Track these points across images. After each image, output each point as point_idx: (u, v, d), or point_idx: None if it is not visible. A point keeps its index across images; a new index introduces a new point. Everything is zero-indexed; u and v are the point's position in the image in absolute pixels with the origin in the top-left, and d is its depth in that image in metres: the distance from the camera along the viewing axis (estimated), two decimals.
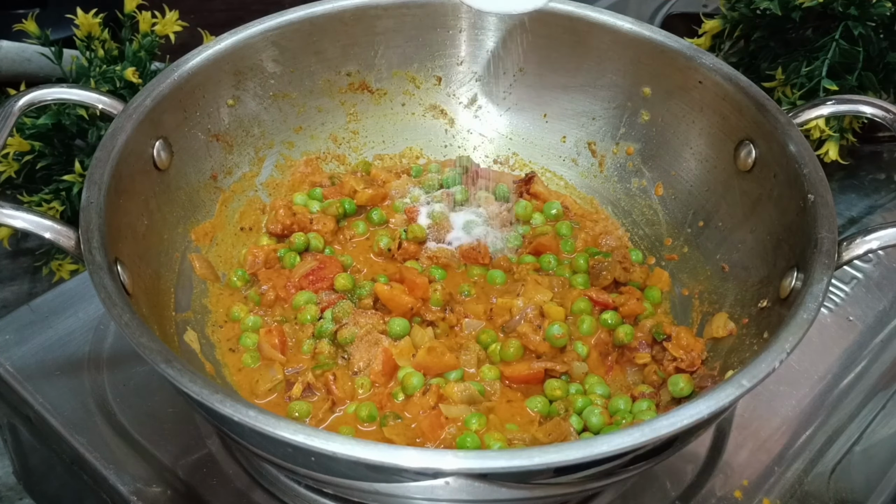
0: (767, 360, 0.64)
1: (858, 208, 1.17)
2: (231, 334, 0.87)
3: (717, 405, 0.61)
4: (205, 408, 0.61)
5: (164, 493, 0.78)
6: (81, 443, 0.81)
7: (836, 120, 1.15)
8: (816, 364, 0.93)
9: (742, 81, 0.87)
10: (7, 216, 0.71)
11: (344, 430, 0.78)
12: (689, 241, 0.94)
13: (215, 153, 0.94)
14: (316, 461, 0.60)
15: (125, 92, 1.08)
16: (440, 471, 0.58)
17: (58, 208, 1.07)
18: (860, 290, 1.02)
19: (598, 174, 1.03)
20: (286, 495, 0.79)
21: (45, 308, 0.93)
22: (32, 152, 1.08)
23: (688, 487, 0.82)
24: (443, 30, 1.02)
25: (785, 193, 0.81)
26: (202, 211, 0.92)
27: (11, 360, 0.87)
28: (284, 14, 0.95)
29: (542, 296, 0.89)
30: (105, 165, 0.76)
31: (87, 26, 1.10)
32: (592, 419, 0.78)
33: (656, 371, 0.83)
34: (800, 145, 0.80)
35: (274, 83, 0.98)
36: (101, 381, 0.86)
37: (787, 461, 0.84)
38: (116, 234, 0.74)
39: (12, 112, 0.78)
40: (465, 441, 0.75)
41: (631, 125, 1.00)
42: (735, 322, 0.82)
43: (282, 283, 0.91)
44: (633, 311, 0.88)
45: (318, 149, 1.04)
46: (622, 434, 0.58)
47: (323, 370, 0.82)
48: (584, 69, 1.01)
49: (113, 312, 0.65)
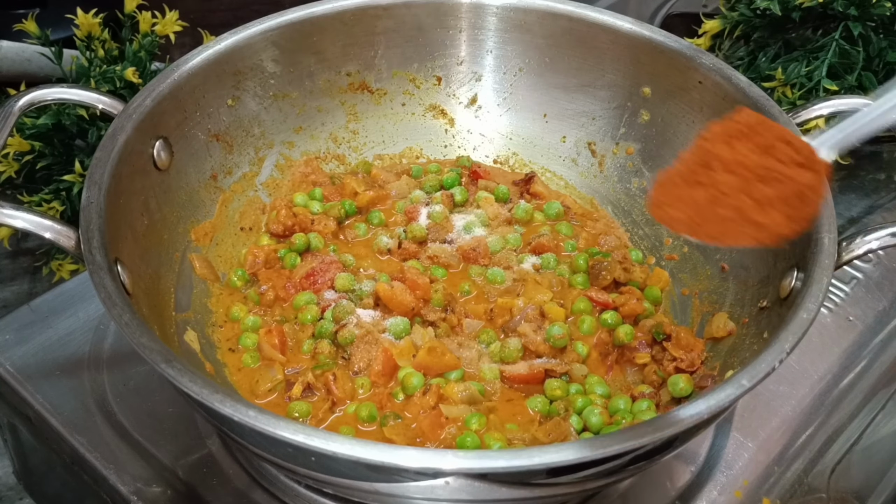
0: (767, 360, 0.64)
1: (858, 208, 1.17)
2: (231, 334, 0.87)
3: (717, 405, 0.61)
4: (205, 408, 0.61)
5: (164, 493, 0.78)
6: (81, 443, 0.81)
7: (837, 120, 1.15)
8: (816, 364, 0.93)
9: (742, 81, 0.87)
10: (7, 216, 0.71)
11: (344, 430, 0.78)
12: (689, 240, 0.94)
13: (215, 153, 0.94)
14: (316, 461, 0.60)
15: (125, 92, 1.08)
16: (440, 471, 0.58)
17: (58, 208, 1.07)
18: (860, 290, 1.02)
19: (598, 174, 1.03)
20: (286, 495, 0.79)
21: (45, 308, 0.93)
22: (32, 152, 1.08)
23: (688, 487, 0.82)
24: (443, 30, 1.02)
25: None
26: (202, 211, 0.92)
27: (11, 360, 0.87)
28: (284, 14, 0.96)
29: (542, 296, 0.89)
30: (105, 165, 0.76)
31: (87, 26, 1.10)
32: (592, 419, 0.78)
33: (656, 371, 0.83)
34: None
35: (274, 83, 0.98)
36: (101, 381, 0.86)
37: (787, 461, 0.84)
38: (116, 234, 0.74)
39: (12, 112, 0.78)
40: (465, 441, 0.75)
41: (631, 125, 1.00)
42: (735, 322, 0.82)
43: (282, 283, 0.91)
44: (633, 311, 0.88)
45: (318, 149, 1.04)
46: (622, 434, 0.58)
47: (323, 370, 0.82)
48: (584, 69, 1.01)
49: (113, 312, 0.65)
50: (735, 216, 0.58)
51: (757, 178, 0.57)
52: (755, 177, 0.58)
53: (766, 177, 0.58)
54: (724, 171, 0.57)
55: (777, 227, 0.58)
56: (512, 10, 1.00)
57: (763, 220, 0.58)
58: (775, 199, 0.58)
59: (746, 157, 0.57)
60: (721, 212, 0.57)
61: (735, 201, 0.57)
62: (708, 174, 0.58)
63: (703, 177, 0.58)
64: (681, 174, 0.59)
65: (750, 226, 0.58)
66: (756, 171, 0.58)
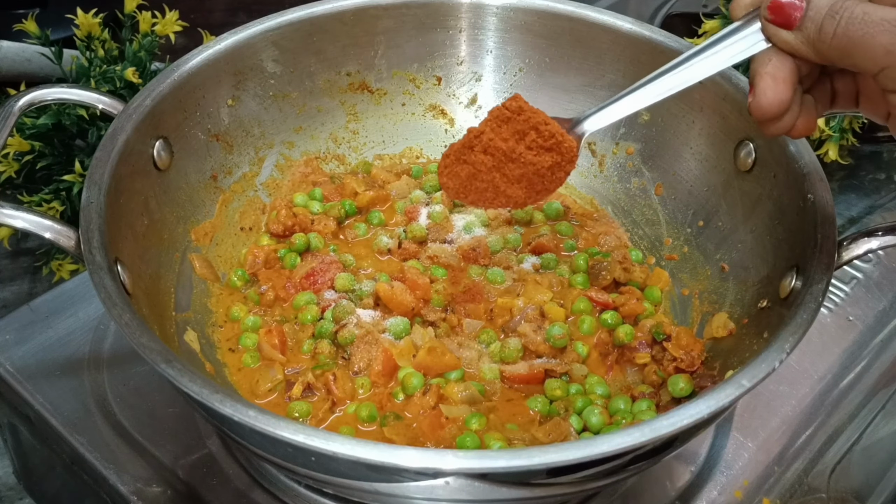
0: (767, 360, 0.64)
1: (858, 208, 1.17)
2: (231, 334, 0.87)
3: (717, 405, 0.61)
4: (205, 408, 0.61)
5: (164, 493, 0.78)
6: (81, 443, 0.81)
7: (836, 120, 1.15)
8: (816, 364, 0.93)
9: (742, 81, 0.87)
10: (7, 216, 0.71)
11: (344, 430, 0.78)
12: (689, 241, 0.94)
13: (215, 153, 0.94)
14: (316, 461, 0.60)
15: (125, 92, 1.09)
16: (440, 471, 0.58)
17: (58, 208, 1.07)
18: (860, 290, 1.02)
19: (598, 174, 1.03)
20: (286, 495, 0.79)
21: (45, 308, 0.93)
22: (32, 152, 1.08)
23: (688, 487, 0.82)
24: (443, 30, 1.02)
25: (785, 193, 0.81)
26: (202, 211, 0.92)
27: (11, 360, 0.87)
28: (284, 14, 0.96)
29: (542, 296, 0.89)
30: (105, 165, 0.76)
31: (87, 26, 1.10)
32: (592, 419, 0.78)
33: (656, 371, 0.83)
34: (800, 145, 0.80)
35: (274, 83, 0.98)
36: (101, 381, 0.86)
37: (787, 461, 0.85)
38: (116, 234, 0.74)
39: (12, 112, 0.78)
40: (465, 441, 0.76)
41: (631, 125, 1.00)
42: (735, 322, 0.82)
43: (282, 283, 0.91)
44: (633, 311, 0.88)
45: (318, 149, 1.04)
46: (622, 434, 0.58)
47: (323, 370, 0.82)
48: (584, 69, 1.01)
49: (113, 312, 0.65)
50: (488, 188, 0.72)
51: (508, 159, 0.71)
52: (506, 158, 0.71)
53: (515, 159, 0.71)
54: (481, 153, 0.71)
55: (518, 199, 0.73)
56: (512, 10, 1.00)
57: (509, 193, 0.72)
58: (520, 176, 0.71)
59: (504, 142, 0.71)
60: (478, 184, 0.72)
61: (488, 177, 0.72)
62: (469, 154, 0.72)
63: (466, 156, 0.72)
64: (454, 151, 0.73)
65: (500, 196, 0.72)
66: (507, 154, 0.71)
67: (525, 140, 0.71)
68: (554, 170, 0.71)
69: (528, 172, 0.71)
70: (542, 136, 0.70)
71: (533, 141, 0.71)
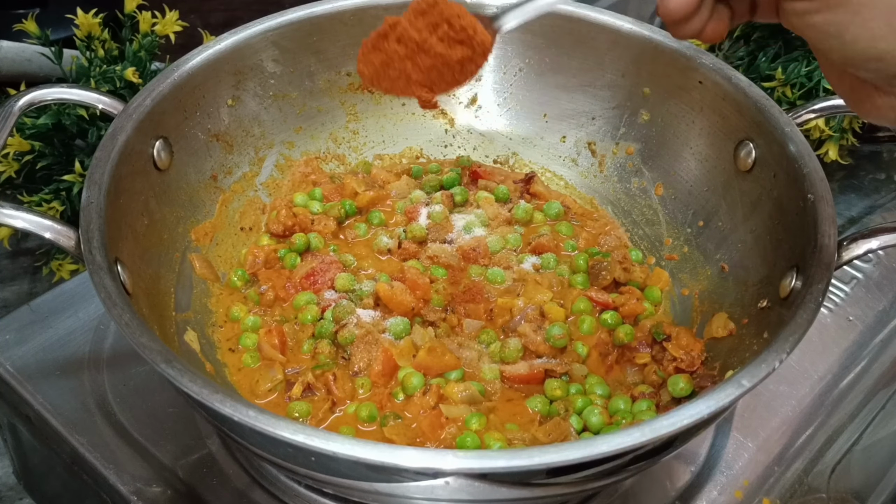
0: (767, 360, 0.64)
1: (858, 208, 1.17)
2: (231, 334, 0.87)
3: (717, 405, 0.61)
4: (205, 408, 0.61)
5: (164, 493, 0.78)
6: (81, 443, 0.81)
7: (836, 120, 1.15)
8: (816, 364, 0.93)
9: (742, 81, 0.87)
10: (7, 216, 0.71)
11: (344, 430, 0.78)
12: (689, 241, 0.94)
13: (215, 153, 0.94)
14: (316, 461, 0.60)
15: (125, 92, 1.08)
16: (440, 471, 0.58)
17: (58, 208, 1.07)
18: (860, 290, 1.02)
19: (598, 174, 1.04)
20: (286, 495, 0.79)
21: (45, 308, 0.93)
22: (32, 152, 1.08)
23: (688, 487, 0.82)
24: None
25: (785, 193, 0.81)
26: (202, 211, 0.92)
27: (11, 360, 0.87)
28: (284, 14, 0.96)
29: (542, 296, 0.89)
30: (105, 165, 0.76)
31: (87, 26, 1.10)
32: (592, 419, 0.78)
33: (656, 371, 0.83)
34: (800, 145, 0.80)
35: (274, 83, 0.98)
36: (101, 381, 0.86)
37: (787, 461, 0.85)
38: (116, 234, 0.74)
39: (12, 112, 0.78)
40: (465, 441, 0.76)
41: (631, 125, 1.00)
42: (735, 322, 0.82)
43: (282, 283, 0.91)
44: (633, 311, 0.88)
45: (318, 149, 1.04)
46: (622, 434, 0.58)
47: (323, 370, 0.82)
48: (584, 69, 1.01)
49: (113, 312, 0.65)
50: (400, 76, 0.73)
51: (419, 49, 0.72)
52: (418, 48, 0.72)
53: (426, 49, 0.72)
54: (395, 42, 0.72)
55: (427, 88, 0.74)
56: None
57: (420, 82, 0.73)
58: (430, 67, 0.72)
59: (418, 33, 0.71)
60: (390, 73, 0.73)
61: (400, 66, 0.73)
62: (384, 43, 0.73)
63: (380, 45, 0.73)
64: (371, 40, 0.74)
65: (411, 85, 0.73)
66: (419, 44, 0.71)
67: (437, 32, 0.72)
68: (464, 63, 0.72)
69: (438, 63, 0.72)
70: (453, 28, 0.71)
71: (444, 33, 0.72)
